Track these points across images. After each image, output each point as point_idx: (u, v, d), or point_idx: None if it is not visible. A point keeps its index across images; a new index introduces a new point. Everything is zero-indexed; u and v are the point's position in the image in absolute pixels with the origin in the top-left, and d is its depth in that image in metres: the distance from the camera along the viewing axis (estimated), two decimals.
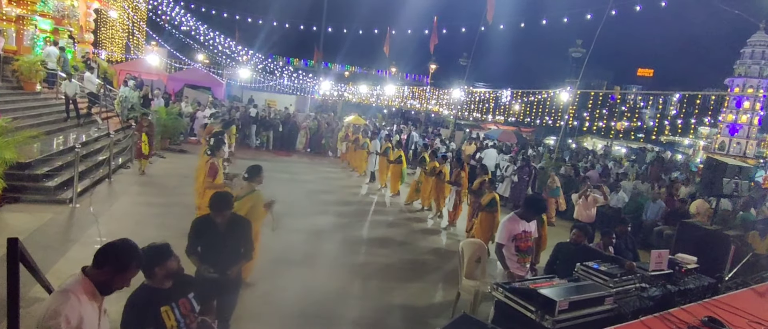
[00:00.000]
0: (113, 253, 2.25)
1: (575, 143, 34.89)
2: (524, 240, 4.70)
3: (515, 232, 4.67)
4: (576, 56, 33.26)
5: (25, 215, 6.96)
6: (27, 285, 4.30)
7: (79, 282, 2.21)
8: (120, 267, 2.26)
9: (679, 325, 3.24)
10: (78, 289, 2.18)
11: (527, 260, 4.77)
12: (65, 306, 2.08)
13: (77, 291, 2.17)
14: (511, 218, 4.76)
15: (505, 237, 4.68)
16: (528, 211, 4.78)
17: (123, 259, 2.27)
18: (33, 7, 13.95)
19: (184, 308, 2.74)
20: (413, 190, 11.19)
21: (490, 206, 7.74)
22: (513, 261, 4.69)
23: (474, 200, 8.72)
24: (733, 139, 26.54)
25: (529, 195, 8.05)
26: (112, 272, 2.24)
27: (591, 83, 52.10)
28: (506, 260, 4.68)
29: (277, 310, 5.08)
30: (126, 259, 2.28)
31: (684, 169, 18.77)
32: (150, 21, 26.76)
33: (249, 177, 5.09)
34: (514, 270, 4.63)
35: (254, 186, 5.06)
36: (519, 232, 4.67)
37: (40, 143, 9.17)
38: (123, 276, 2.29)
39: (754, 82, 26.25)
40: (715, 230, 6.72)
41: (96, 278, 2.23)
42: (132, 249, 2.32)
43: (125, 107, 14.89)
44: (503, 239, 4.68)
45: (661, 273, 4.43)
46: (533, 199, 5.33)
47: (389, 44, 27.98)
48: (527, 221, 4.75)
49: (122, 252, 2.28)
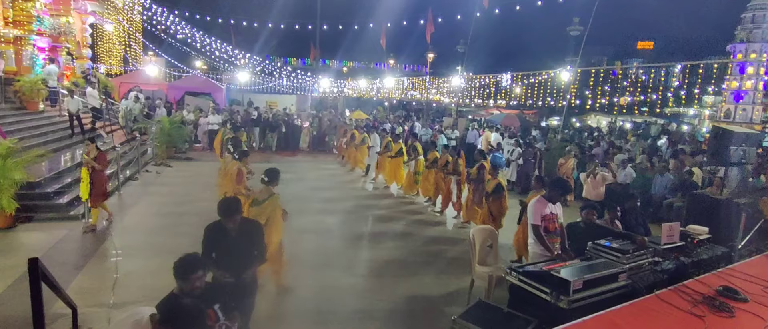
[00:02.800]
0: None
1: (579, 122, 34.69)
2: (552, 221, 4.83)
3: (543, 213, 4.81)
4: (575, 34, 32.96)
5: (40, 233, 7.06)
6: (49, 302, 4.39)
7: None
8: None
9: (694, 296, 3.26)
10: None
11: (555, 241, 4.84)
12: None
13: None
14: (539, 201, 4.93)
15: (536, 218, 4.80)
16: (553, 192, 4.96)
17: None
18: (29, 27, 14.02)
19: (210, 319, 2.82)
20: (411, 181, 11.11)
21: (496, 192, 7.70)
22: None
23: (475, 188, 8.54)
24: (738, 106, 26.27)
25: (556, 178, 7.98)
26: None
27: (591, 60, 51.64)
28: (533, 243, 4.81)
29: (293, 309, 5.14)
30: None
31: (691, 140, 18.64)
32: (146, 31, 26.78)
33: (268, 181, 5.17)
34: (544, 252, 4.71)
35: (272, 190, 5.16)
36: (547, 214, 4.82)
37: (48, 161, 9.27)
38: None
39: (757, 46, 25.91)
40: (725, 199, 6.69)
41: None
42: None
43: (129, 120, 14.99)
44: (536, 220, 4.80)
45: (674, 246, 4.43)
46: (558, 180, 5.63)
47: (385, 37, 27.87)
48: (553, 202, 4.90)
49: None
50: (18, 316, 4.54)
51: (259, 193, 5.24)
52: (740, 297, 3.26)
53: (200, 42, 25.76)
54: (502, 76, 34.13)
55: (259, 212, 4.98)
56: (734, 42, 26.21)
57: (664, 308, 3.10)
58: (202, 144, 17.19)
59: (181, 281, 2.79)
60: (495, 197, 7.70)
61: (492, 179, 7.91)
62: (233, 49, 28.06)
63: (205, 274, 2.93)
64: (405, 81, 42.38)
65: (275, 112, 20.15)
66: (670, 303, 3.15)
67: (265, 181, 5.19)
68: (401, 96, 43.34)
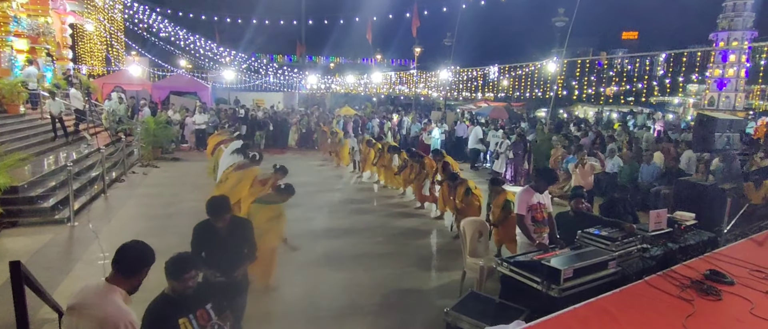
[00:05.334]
0: (139, 257, 2.54)
1: (566, 113, 34.98)
2: (539, 211, 4.85)
3: (530, 203, 4.83)
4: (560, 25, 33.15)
5: (25, 238, 6.92)
6: (35, 307, 4.31)
7: (116, 291, 2.44)
8: (145, 266, 2.55)
9: (682, 281, 3.30)
10: (123, 298, 2.45)
11: (544, 230, 4.87)
12: (132, 315, 2.40)
13: (123, 299, 2.44)
14: (526, 191, 4.95)
15: (522, 208, 4.83)
16: (539, 182, 4.99)
17: (147, 259, 2.56)
18: (6, 28, 13.69)
19: (202, 319, 2.79)
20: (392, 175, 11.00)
21: (467, 195, 7.06)
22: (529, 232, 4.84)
23: (450, 186, 7.70)
24: (721, 93, 26.71)
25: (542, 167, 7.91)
26: (141, 275, 2.54)
27: (577, 50, 52.10)
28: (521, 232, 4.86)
29: (285, 307, 5.11)
30: (149, 259, 2.57)
31: (676, 128, 18.89)
32: (128, 31, 26.35)
33: (284, 190, 5.12)
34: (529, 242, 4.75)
35: (285, 197, 5.09)
36: (534, 203, 4.84)
37: (31, 165, 9.07)
38: (144, 276, 2.57)
39: (739, 34, 26.34)
40: (710, 185, 6.80)
41: (126, 284, 2.49)
42: (148, 248, 2.59)
43: (113, 121, 14.75)
44: (522, 210, 4.83)
45: (662, 232, 4.49)
46: (544, 170, 5.68)
47: (371, 31, 27.76)
48: (540, 192, 4.92)
49: (144, 254, 2.56)
50: (2, 322, 4.44)
51: (269, 196, 5.21)
52: (727, 280, 3.32)
53: (184, 40, 25.43)
54: (490, 68, 34.28)
55: (259, 209, 4.93)
56: (716, 30, 26.61)
57: (654, 293, 3.14)
58: (189, 144, 16.99)
59: (174, 281, 2.73)
60: (467, 200, 7.06)
61: (461, 183, 7.27)
62: (218, 47, 27.75)
63: (197, 274, 2.88)
64: (392, 76, 42.35)
65: (264, 109, 20.02)
66: (659, 289, 3.19)
67: (281, 190, 5.12)
68: (389, 91, 43.28)
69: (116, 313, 2.34)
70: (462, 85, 38.65)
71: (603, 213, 5.49)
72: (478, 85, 38.98)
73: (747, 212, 6.20)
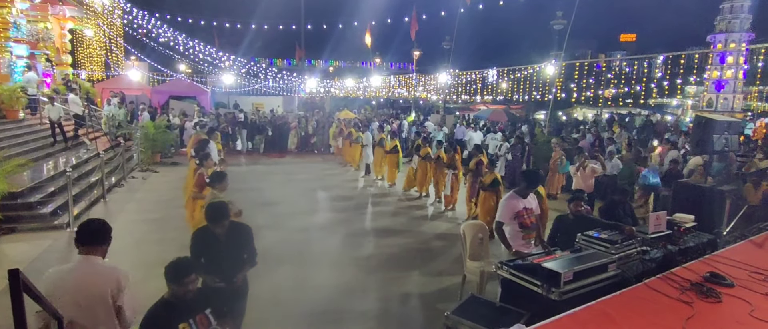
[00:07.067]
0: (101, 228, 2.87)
1: (565, 115, 35.01)
2: (527, 217, 4.69)
3: (516, 209, 4.65)
4: (558, 28, 33.29)
5: (24, 244, 6.90)
6: (33, 311, 4.29)
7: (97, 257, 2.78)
8: (109, 232, 2.91)
9: (682, 283, 3.30)
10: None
11: (532, 236, 4.75)
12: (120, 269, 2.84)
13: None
14: (511, 196, 4.77)
15: (506, 216, 4.67)
16: (522, 186, 4.83)
17: (108, 228, 2.92)
18: (6, 34, 13.71)
19: (201, 324, 2.79)
20: (411, 177, 11.22)
21: (492, 186, 7.87)
22: (517, 239, 4.67)
23: (473, 181, 8.73)
24: (719, 95, 26.74)
25: (523, 169, 8.11)
26: (108, 242, 2.91)
27: (575, 53, 52.21)
28: (509, 239, 4.68)
29: (285, 310, 5.10)
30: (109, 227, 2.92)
31: (675, 130, 18.89)
32: (127, 36, 26.40)
33: (212, 182, 5.13)
34: (520, 247, 4.59)
35: (224, 187, 5.09)
36: (520, 209, 4.66)
37: (30, 170, 9.07)
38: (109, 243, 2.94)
39: (736, 36, 26.35)
40: (709, 187, 6.80)
41: (101, 252, 2.83)
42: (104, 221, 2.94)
43: (112, 126, 14.75)
44: (504, 217, 4.68)
45: (661, 235, 4.47)
46: (527, 172, 5.46)
47: (371, 35, 27.82)
48: (525, 197, 4.74)
49: (104, 224, 2.91)
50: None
51: (213, 195, 5.09)
52: (727, 282, 3.32)
53: (183, 45, 25.45)
54: (488, 71, 34.33)
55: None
56: (714, 32, 26.66)
57: (654, 296, 3.14)
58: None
59: (175, 285, 2.74)
60: (491, 190, 7.84)
61: (489, 173, 8.10)
62: (217, 51, 27.79)
63: (197, 278, 2.89)
64: (391, 79, 42.40)
65: (263, 114, 20.00)
66: (659, 291, 3.19)
67: (214, 181, 5.12)
68: (388, 94, 43.33)
69: (110, 272, 2.76)
70: (461, 88, 38.70)
71: (603, 216, 5.47)
72: (477, 88, 39.05)
73: (746, 213, 6.21)
